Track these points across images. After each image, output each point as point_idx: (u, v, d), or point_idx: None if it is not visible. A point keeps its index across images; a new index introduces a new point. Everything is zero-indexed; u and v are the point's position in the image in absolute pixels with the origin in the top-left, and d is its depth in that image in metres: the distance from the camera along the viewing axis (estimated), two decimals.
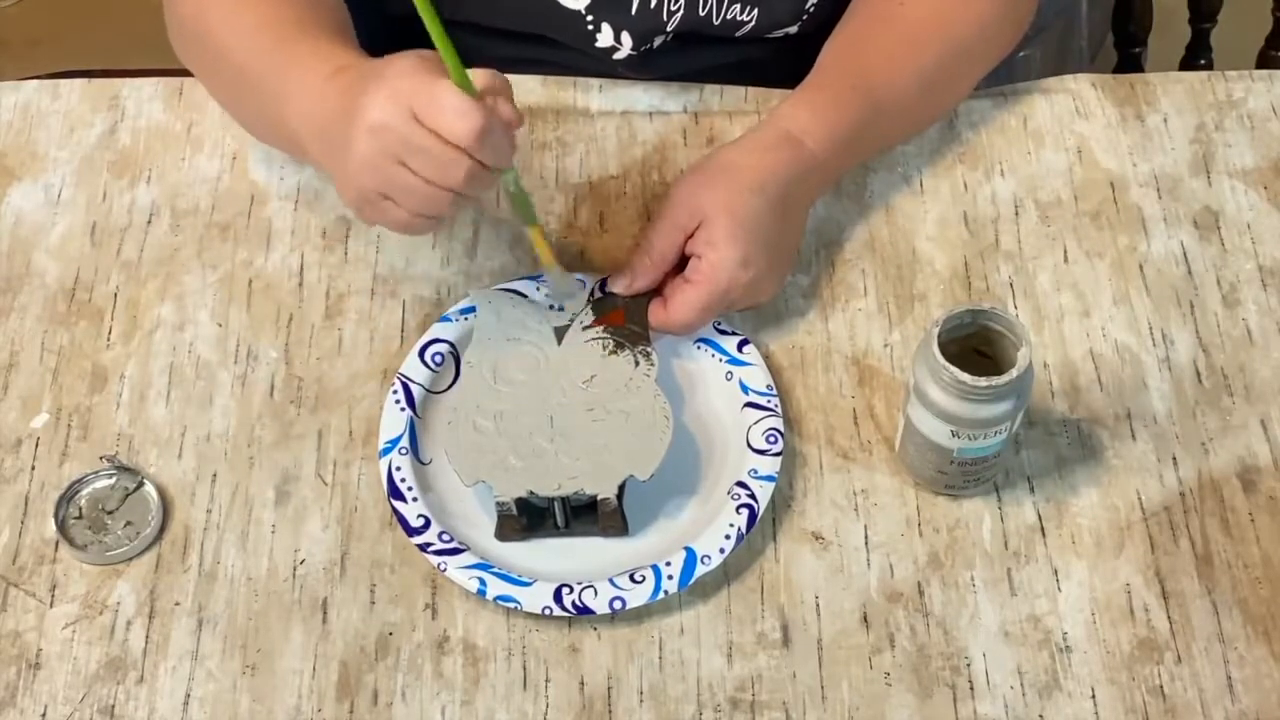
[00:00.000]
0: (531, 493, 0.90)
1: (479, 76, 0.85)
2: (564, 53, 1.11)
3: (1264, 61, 1.43)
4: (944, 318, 0.87)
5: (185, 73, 1.08)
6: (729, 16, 1.08)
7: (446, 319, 0.99)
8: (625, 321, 0.96)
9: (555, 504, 0.91)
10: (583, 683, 0.89)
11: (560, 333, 0.96)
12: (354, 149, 0.85)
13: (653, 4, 1.07)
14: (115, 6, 2.19)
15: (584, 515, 0.92)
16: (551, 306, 0.99)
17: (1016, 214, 1.06)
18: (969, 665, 0.89)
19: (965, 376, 0.85)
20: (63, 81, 1.13)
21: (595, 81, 1.12)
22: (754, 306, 1.00)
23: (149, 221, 1.06)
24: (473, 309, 0.99)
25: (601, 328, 0.96)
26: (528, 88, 1.12)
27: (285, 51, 0.95)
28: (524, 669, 0.90)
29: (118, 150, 1.10)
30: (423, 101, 0.83)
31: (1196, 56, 1.45)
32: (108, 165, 1.09)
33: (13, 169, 1.09)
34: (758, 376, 0.97)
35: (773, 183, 0.97)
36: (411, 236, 0.97)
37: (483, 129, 0.83)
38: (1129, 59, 1.44)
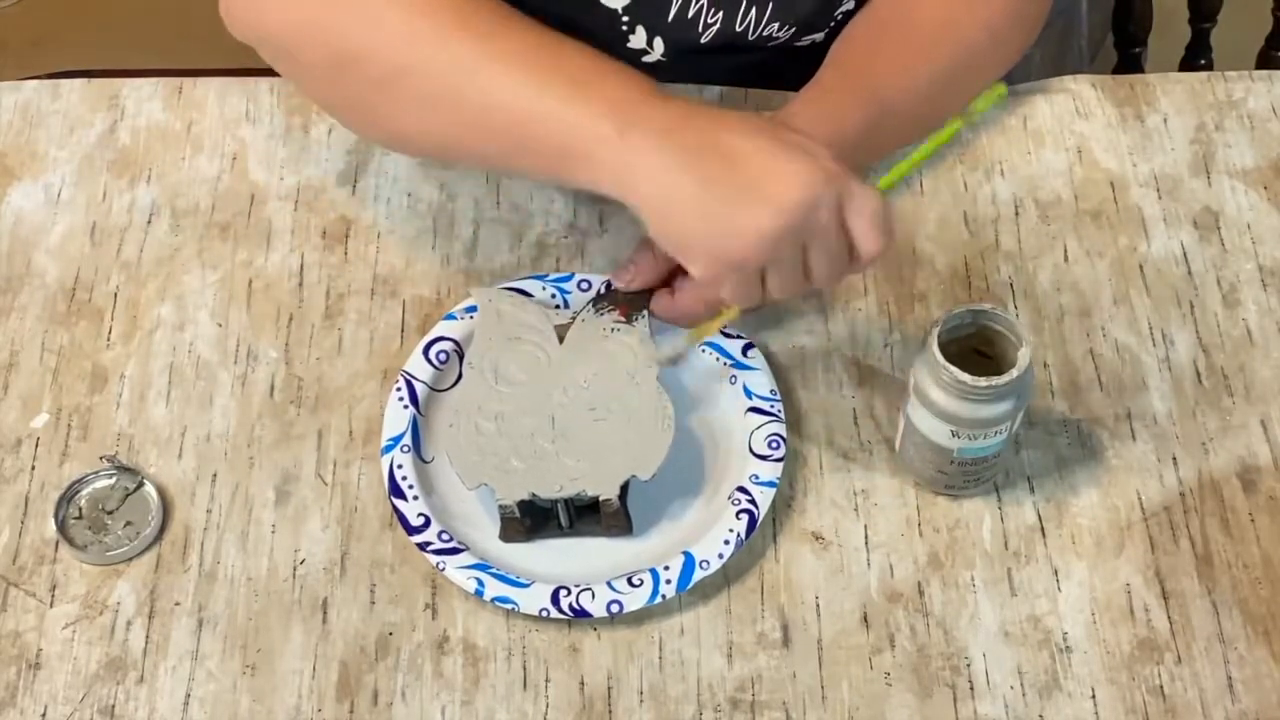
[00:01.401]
0: (534, 495, 0.90)
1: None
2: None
3: (1264, 61, 1.43)
4: (944, 318, 0.87)
5: (185, 72, 1.08)
6: (765, 32, 1.08)
7: (451, 316, 0.99)
8: (628, 318, 0.96)
9: (559, 505, 0.91)
10: (583, 683, 0.89)
11: (562, 332, 0.96)
12: (767, 213, 0.79)
13: (690, 13, 1.07)
14: (115, 6, 2.19)
15: (588, 515, 0.92)
16: (556, 307, 0.99)
17: (1016, 214, 1.06)
18: (969, 665, 0.90)
19: (965, 376, 0.85)
20: (63, 81, 1.13)
21: None
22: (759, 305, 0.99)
23: (149, 221, 1.06)
24: (476, 307, 0.99)
25: (605, 321, 0.96)
26: None
27: (536, 62, 0.86)
28: (524, 669, 0.90)
29: (118, 150, 1.10)
30: (855, 204, 0.80)
31: (1196, 56, 1.45)
32: (108, 165, 1.09)
33: (13, 169, 1.09)
34: (761, 381, 0.97)
35: None
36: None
37: (884, 250, 0.81)
38: (1129, 59, 1.44)
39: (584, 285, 1.00)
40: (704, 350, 0.99)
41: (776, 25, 1.08)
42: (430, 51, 0.88)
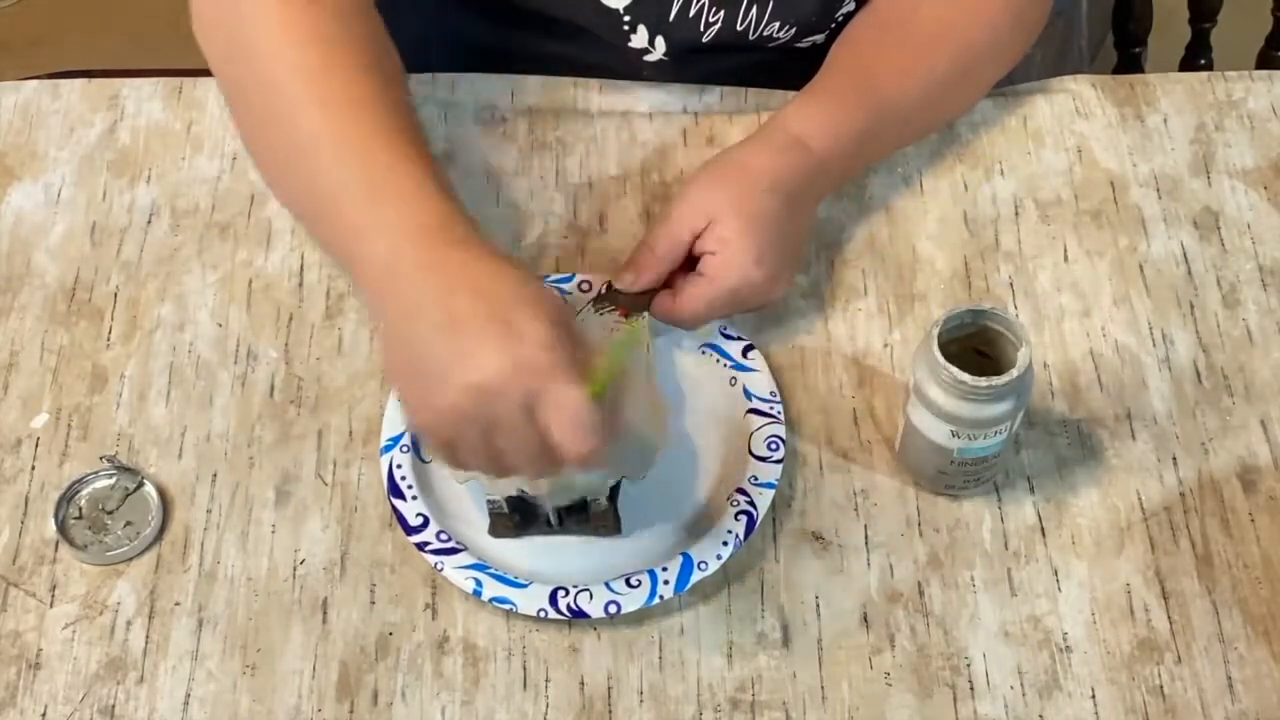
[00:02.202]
0: (521, 491, 0.90)
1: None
2: (594, 50, 1.11)
3: (1264, 61, 1.43)
4: (944, 318, 0.87)
5: (185, 72, 1.08)
6: (766, 32, 1.09)
7: None
8: (627, 319, 0.96)
9: (547, 503, 0.91)
10: (583, 683, 0.89)
11: None
12: (446, 391, 0.77)
13: (691, 13, 1.07)
14: (115, 6, 2.19)
15: (577, 514, 0.92)
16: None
17: (1016, 214, 1.06)
18: (969, 665, 0.89)
19: (965, 376, 0.85)
20: (63, 81, 1.13)
21: (595, 82, 1.12)
22: (760, 308, 1.00)
23: (149, 221, 1.06)
24: None
25: (605, 321, 0.96)
26: (528, 88, 1.12)
27: (378, 164, 0.84)
28: (524, 669, 0.90)
29: (118, 150, 1.10)
30: (550, 402, 0.76)
31: (1196, 56, 1.45)
32: (108, 165, 1.09)
33: (13, 169, 1.09)
34: (761, 382, 0.97)
35: (784, 184, 0.97)
36: None
37: (593, 455, 0.77)
38: (1129, 59, 1.44)
39: (584, 286, 1.00)
40: (704, 352, 0.99)
41: (777, 25, 1.08)
42: (280, 87, 0.88)
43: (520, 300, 0.79)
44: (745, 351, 0.98)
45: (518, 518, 0.91)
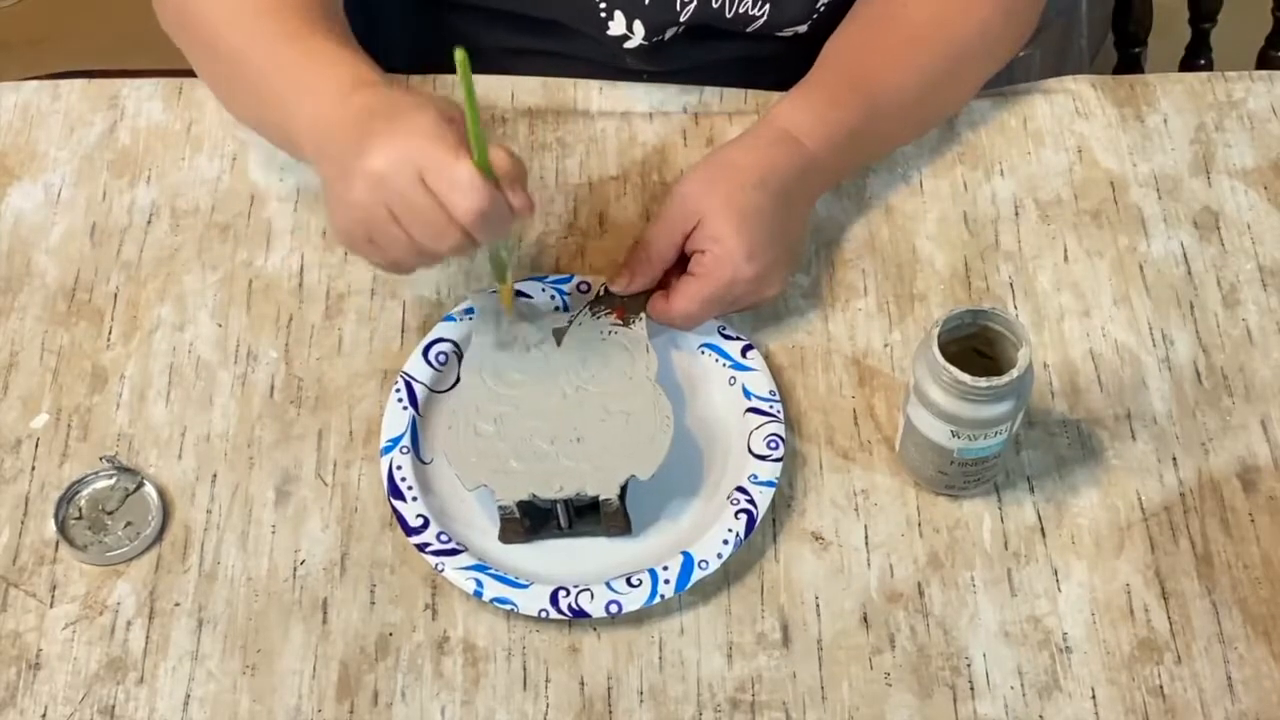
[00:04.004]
0: (534, 495, 0.90)
1: (500, 160, 0.84)
2: (573, 42, 1.11)
3: (1264, 61, 1.43)
4: (944, 318, 0.87)
5: (185, 73, 1.08)
6: (741, 11, 1.09)
7: (450, 318, 0.99)
8: (624, 320, 0.96)
9: (558, 505, 0.91)
10: (583, 683, 0.89)
11: (559, 334, 0.96)
12: (350, 187, 0.85)
13: None
14: (115, 6, 2.19)
15: (587, 516, 0.92)
16: (558, 308, 0.99)
17: (1016, 214, 1.06)
18: (969, 665, 0.90)
19: (965, 376, 0.85)
20: (63, 81, 1.13)
21: (595, 83, 1.12)
22: (756, 306, 1.00)
23: (149, 221, 1.06)
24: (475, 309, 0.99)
25: (602, 323, 0.96)
26: (528, 88, 1.12)
27: (294, 49, 0.94)
28: (524, 669, 0.90)
29: (117, 150, 1.10)
30: (434, 169, 0.82)
31: (1196, 56, 1.45)
32: (108, 165, 1.09)
33: (13, 169, 1.09)
34: (760, 382, 0.97)
35: (773, 179, 0.97)
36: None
37: (486, 211, 0.83)
38: (1129, 59, 1.44)
39: (583, 287, 1.00)
40: (703, 351, 0.99)
41: (751, 3, 1.08)
42: (210, 20, 0.98)
43: (410, 104, 0.86)
44: (744, 351, 0.98)
45: (528, 523, 0.91)
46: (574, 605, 0.89)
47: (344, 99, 0.89)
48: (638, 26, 1.09)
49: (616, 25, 1.09)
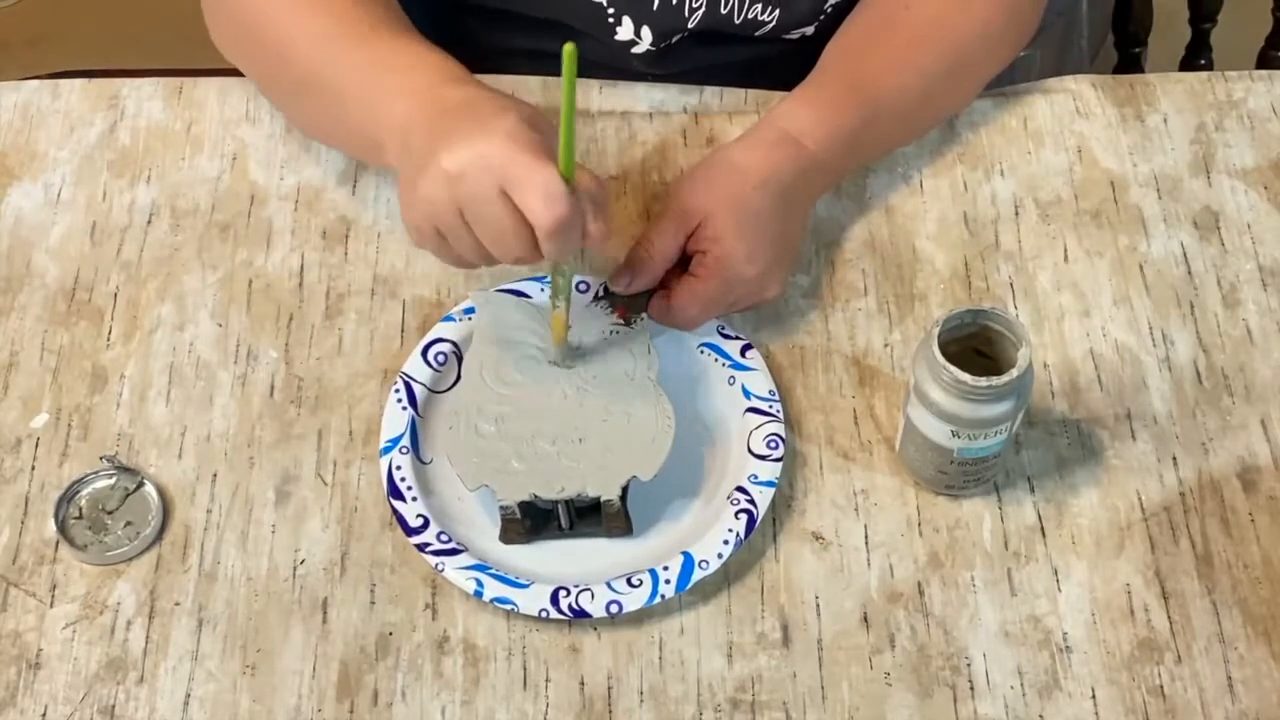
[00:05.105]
0: (535, 496, 0.90)
1: (586, 181, 0.84)
2: (580, 45, 1.11)
3: (1264, 61, 1.43)
4: (944, 318, 0.87)
5: (185, 72, 1.08)
6: (750, 16, 1.09)
7: (450, 319, 0.99)
8: (627, 320, 0.96)
9: (560, 506, 0.91)
10: (583, 683, 0.89)
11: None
12: (426, 182, 0.85)
13: (674, 0, 1.07)
14: (115, 6, 2.19)
15: (588, 516, 0.92)
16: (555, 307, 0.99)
17: (1016, 214, 1.06)
18: (969, 665, 0.90)
19: (965, 376, 0.85)
20: (63, 81, 1.13)
21: (595, 82, 1.12)
22: (757, 306, 1.00)
23: (149, 221, 1.06)
24: (475, 309, 0.99)
25: (604, 324, 0.96)
26: (529, 88, 1.12)
27: (375, 50, 0.93)
28: (524, 669, 0.90)
29: (118, 150, 1.10)
30: (517, 176, 0.81)
31: (1196, 56, 1.45)
32: (108, 165, 1.09)
33: (13, 169, 1.09)
34: (760, 381, 0.97)
35: (774, 180, 0.97)
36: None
37: (565, 221, 0.82)
38: (1129, 59, 1.44)
39: (582, 287, 1.00)
40: (703, 351, 0.99)
41: (760, 7, 1.08)
42: (276, 30, 0.98)
43: (497, 105, 0.86)
44: (744, 351, 0.98)
45: (529, 523, 0.91)
46: (574, 605, 0.89)
47: (435, 96, 0.88)
48: (645, 32, 1.09)
49: (624, 30, 1.09)
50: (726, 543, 0.91)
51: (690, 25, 1.09)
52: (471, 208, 0.84)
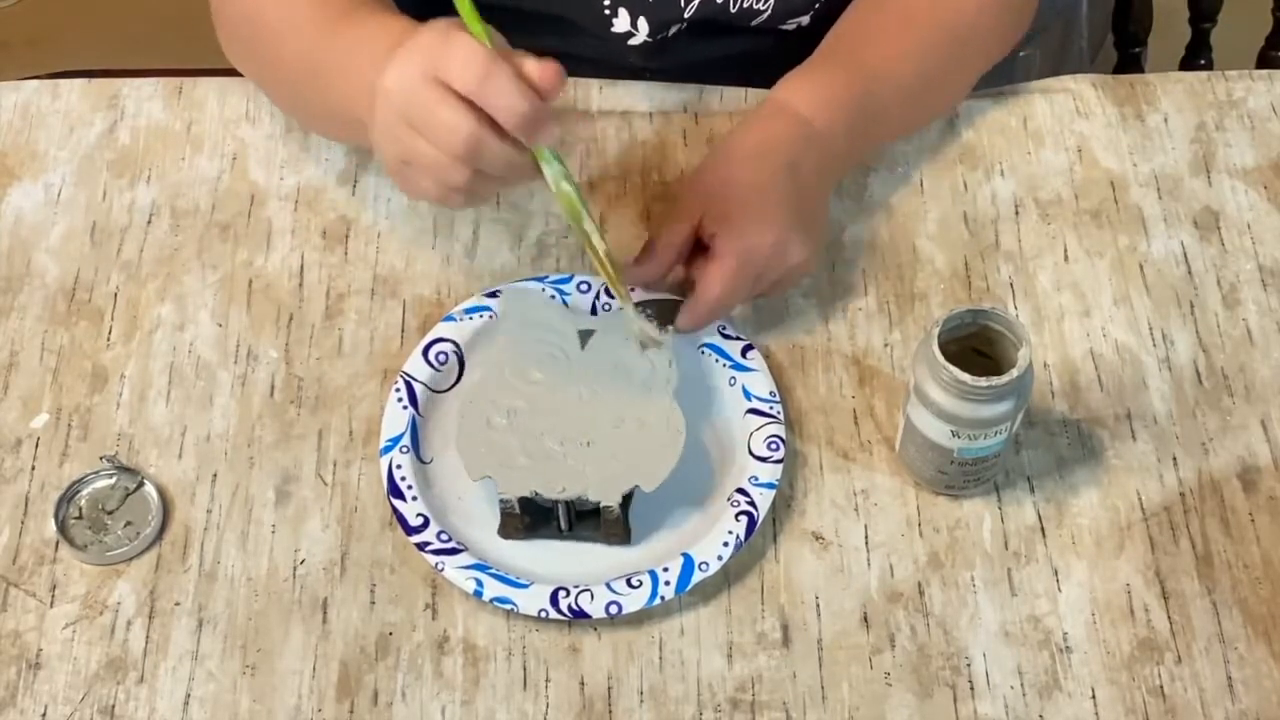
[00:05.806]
0: (536, 493, 0.90)
1: (500, 40, 0.85)
2: (577, 40, 1.11)
3: (1264, 61, 1.43)
4: (944, 318, 0.87)
5: (185, 72, 1.08)
6: (745, 5, 1.09)
7: (450, 318, 0.99)
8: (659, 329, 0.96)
9: (560, 507, 0.91)
10: (583, 683, 0.89)
11: (584, 337, 0.96)
12: (377, 117, 0.86)
13: None
14: (115, 6, 2.19)
15: (588, 521, 0.92)
16: (595, 309, 0.98)
17: (1016, 214, 1.06)
18: (969, 665, 0.90)
19: (965, 376, 0.85)
20: (63, 81, 1.13)
21: (595, 82, 1.12)
22: (790, 282, 0.99)
23: (149, 221, 1.06)
24: (478, 309, 0.99)
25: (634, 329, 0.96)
26: None
27: (344, 33, 0.94)
28: (524, 669, 0.90)
29: (118, 150, 1.10)
30: (436, 54, 0.83)
31: (1196, 56, 1.45)
32: (108, 165, 1.09)
33: (13, 169, 1.09)
34: (760, 382, 0.97)
35: (773, 151, 0.97)
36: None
37: (487, 74, 0.81)
38: (1129, 59, 1.44)
39: (583, 287, 1.00)
40: (703, 352, 0.99)
41: None
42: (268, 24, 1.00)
43: (426, 26, 0.86)
44: (744, 351, 0.98)
45: (528, 519, 0.91)
46: (574, 605, 0.89)
47: (387, 56, 0.88)
48: (642, 24, 1.09)
49: (620, 23, 1.09)
50: (726, 545, 0.91)
51: (687, 15, 1.09)
52: (412, 111, 0.84)
